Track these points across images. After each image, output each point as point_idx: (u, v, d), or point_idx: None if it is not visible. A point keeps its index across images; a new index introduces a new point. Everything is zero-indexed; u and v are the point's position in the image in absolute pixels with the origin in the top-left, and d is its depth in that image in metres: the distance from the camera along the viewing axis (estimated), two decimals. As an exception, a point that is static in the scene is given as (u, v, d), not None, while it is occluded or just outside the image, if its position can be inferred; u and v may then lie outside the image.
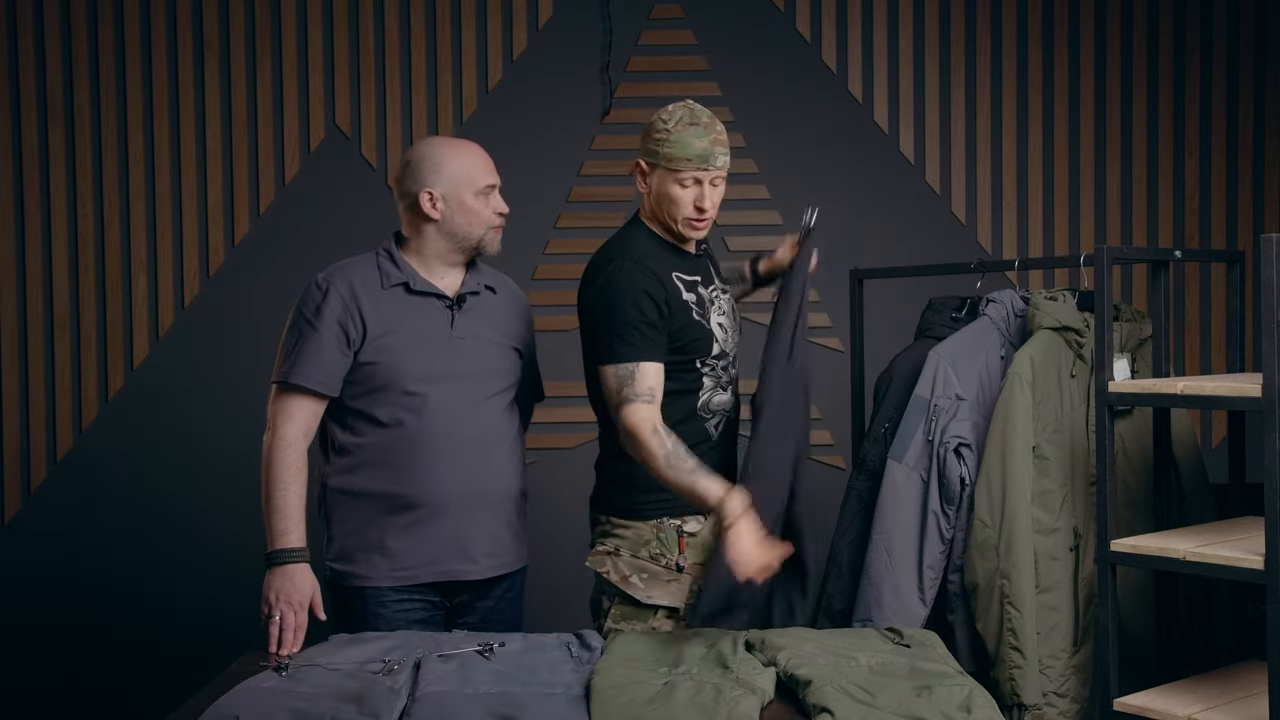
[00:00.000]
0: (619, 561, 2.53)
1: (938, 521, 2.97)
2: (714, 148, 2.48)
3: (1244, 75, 4.32)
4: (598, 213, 4.16)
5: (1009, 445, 2.88)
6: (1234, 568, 2.57)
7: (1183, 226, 4.32)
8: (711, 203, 2.52)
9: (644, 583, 2.50)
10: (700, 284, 2.59)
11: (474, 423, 2.55)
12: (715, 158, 2.48)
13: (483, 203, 2.59)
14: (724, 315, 2.63)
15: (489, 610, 2.63)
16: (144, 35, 4.14)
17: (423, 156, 2.58)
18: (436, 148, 2.61)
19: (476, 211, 2.59)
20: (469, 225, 2.59)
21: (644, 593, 2.50)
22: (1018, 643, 2.85)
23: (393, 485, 2.51)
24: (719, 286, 2.66)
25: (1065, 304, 3.00)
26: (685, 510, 2.50)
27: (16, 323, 4.13)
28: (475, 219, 2.59)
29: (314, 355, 2.49)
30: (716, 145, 2.48)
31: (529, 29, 4.21)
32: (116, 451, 4.14)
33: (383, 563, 2.52)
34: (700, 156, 2.47)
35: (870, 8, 4.27)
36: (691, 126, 2.47)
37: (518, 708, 1.95)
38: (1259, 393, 2.49)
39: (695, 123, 2.48)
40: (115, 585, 4.12)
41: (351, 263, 2.61)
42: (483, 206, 2.60)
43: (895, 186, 4.29)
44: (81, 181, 4.14)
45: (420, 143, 2.65)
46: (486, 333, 2.61)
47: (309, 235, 4.14)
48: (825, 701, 1.95)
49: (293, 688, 2.05)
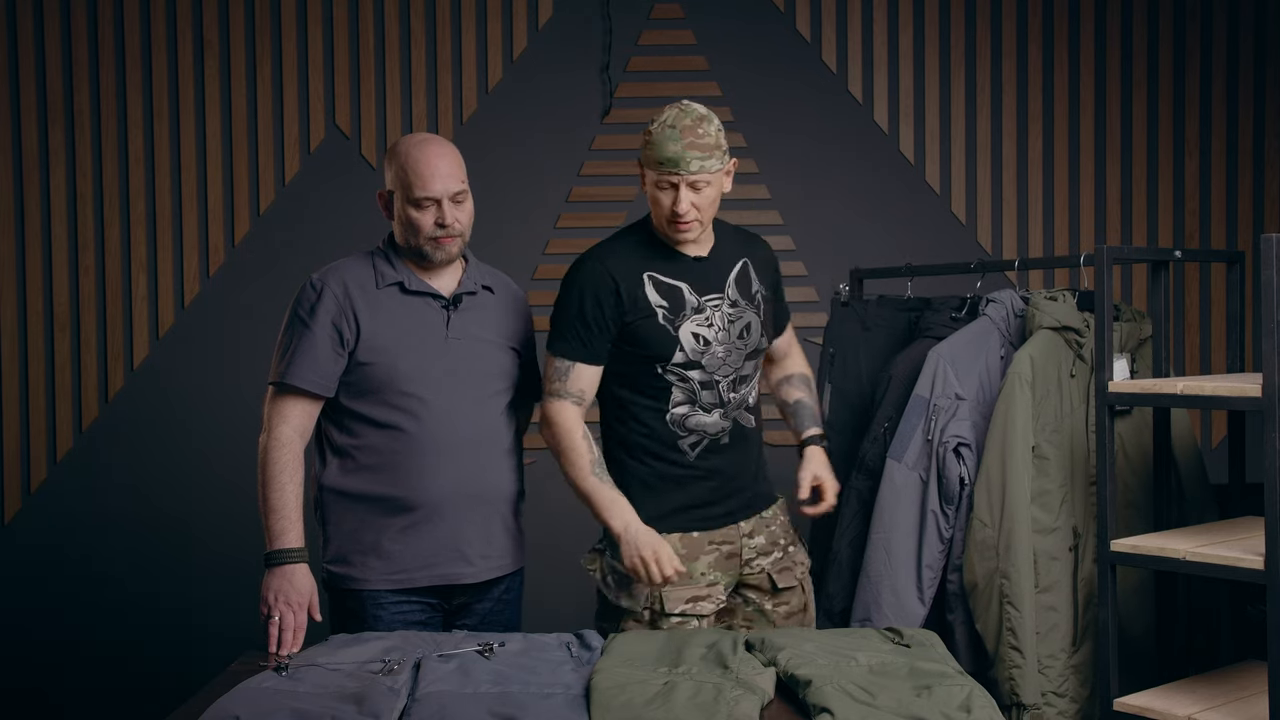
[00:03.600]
0: (603, 561, 2.60)
1: (937, 521, 2.97)
2: (686, 153, 2.43)
3: (1244, 75, 4.32)
4: (598, 213, 4.16)
5: (1008, 445, 2.88)
6: (1234, 568, 2.57)
7: (1183, 226, 4.32)
8: (689, 206, 2.46)
9: (615, 584, 2.56)
10: (688, 290, 2.53)
11: (470, 424, 2.54)
12: (686, 163, 2.43)
13: (418, 212, 2.51)
14: (710, 328, 2.54)
15: (487, 612, 2.62)
16: (144, 35, 4.14)
17: (389, 153, 2.57)
18: (400, 146, 2.56)
19: (410, 220, 2.52)
20: (404, 232, 2.55)
21: (614, 594, 2.55)
22: (1017, 642, 2.85)
23: (389, 487, 2.51)
24: (729, 299, 2.57)
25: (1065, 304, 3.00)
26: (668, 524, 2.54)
27: (16, 323, 4.14)
28: (409, 228, 2.53)
29: (308, 356, 2.49)
30: (690, 150, 2.43)
31: (529, 29, 4.21)
32: (116, 451, 4.14)
33: (379, 565, 2.52)
34: (670, 160, 2.44)
35: (870, 8, 4.27)
36: (670, 130, 2.45)
37: (518, 708, 1.95)
38: (1259, 393, 2.49)
39: (674, 126, 2.45)
40: (115, 585, 4.12)
41: (346, 262, 2.60)
42: (418, 215, 2.51)
43: (895, 186, 4.29)
44: (81, 181, 4.14)
45: (400, 138, 2.63)
46: (483, 333, 2.60)
47: (309, 235, 4.14)
48: (825, 701, 1.95)
49: (293, 688, 2.05)
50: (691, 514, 2.57)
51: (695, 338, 2.52)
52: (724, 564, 2.59)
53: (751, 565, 2.62)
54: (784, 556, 2.67)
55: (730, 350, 2.55)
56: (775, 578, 2.64)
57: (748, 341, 2.58)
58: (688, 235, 2.52)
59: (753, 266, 2.64)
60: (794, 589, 2.68)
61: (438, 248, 2.53)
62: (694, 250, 2.58)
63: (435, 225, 2.51)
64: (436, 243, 2.52)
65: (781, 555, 2.67)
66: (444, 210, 2.50)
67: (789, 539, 2.70)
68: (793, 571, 2.68)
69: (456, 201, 2.52)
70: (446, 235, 2.52)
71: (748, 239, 2.71)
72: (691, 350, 2.52)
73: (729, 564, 2.60)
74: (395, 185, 2.53)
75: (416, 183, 2.49)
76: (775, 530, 2.67)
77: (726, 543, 2.60)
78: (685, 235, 2.52)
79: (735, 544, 2.60)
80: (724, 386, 2.55)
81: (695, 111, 2.48)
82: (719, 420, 2.56)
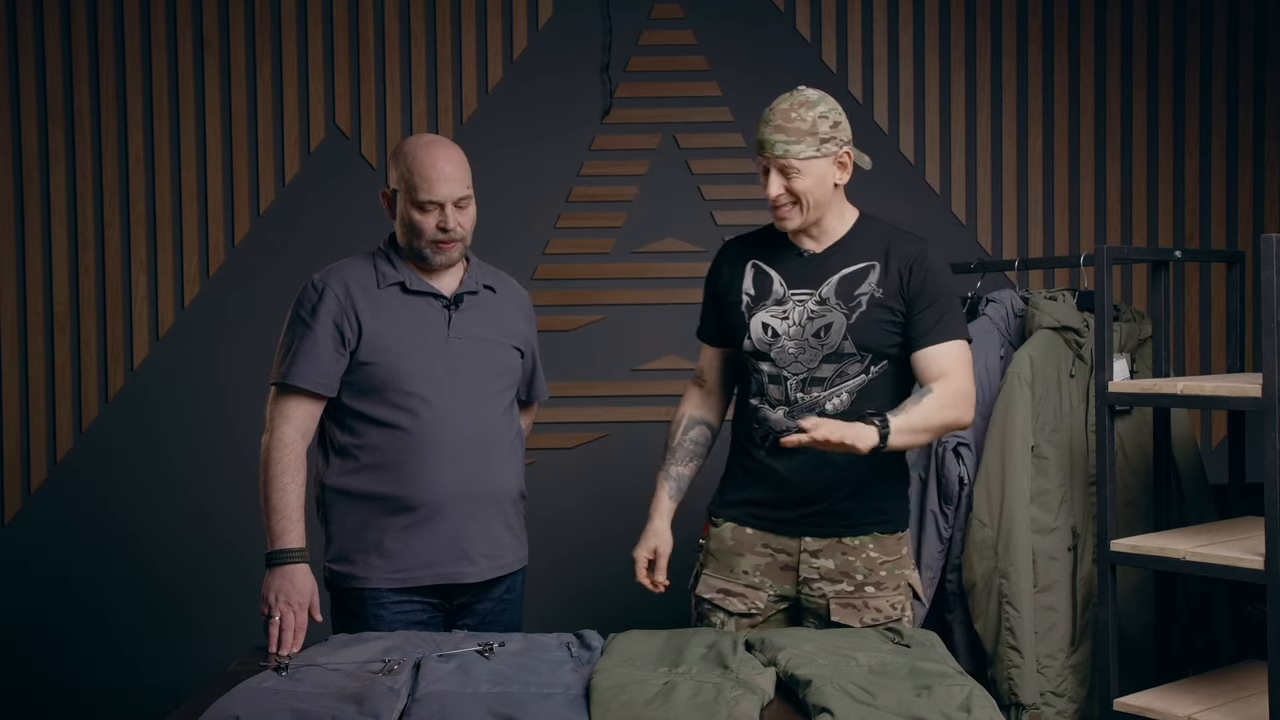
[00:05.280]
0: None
1: (936, 521, 2.97)
2: (774, 136, 2.41)
3: (1244, 75, 4.32)
4: (598, 213, 4.16)
5: (1008, 445, 2.88)
6: (1234, 568, 2.57)
7: (1183, 226, 4.32)
8: (780, 190, 2.42)
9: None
10: (779, 281, 2.51)
11: (472, 424, 2.54)
12: (772, 146, 2.42)
13: (421, 215, 2.51)
14: (784, 321, 2.48)
15: (488, 612, 2.63)
16: (144, 35, 4.14)
17: (394, 152, 2.57)
18: (407, 146, 2.56)
19: (412, 222, 2.52)
20: (407, 236, 2.55)
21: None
22: (1015, 642, 2.85)
23: (391, 487, 2.51)
24: (819, 296, 2.47)
25: (1065, 304, 3.00)
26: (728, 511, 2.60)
27: (16, 323, 4.13)
28: (411, 230, 2.53)
29: (310, 356, 2.49)
30: (778, 134, 2.41)
31: (529, 29, 4.21)
32: (116, 451, 4.14)
33: (381, 564, 2.52)
34: (760, 143, 2.46)
35: (870, 8, 4.26)
36: (767, 112, 2.45)
37: (518, 708, 1.95)
38: (1259, 393, 2.50)
39: (772, 109, 2.45)
40: (115, 585, 4.12)
41: (348, 262, 2.61)
42: (420, 218, 2.51)
43: (895, 186, 4.29)
44: (81, 181, 4.14)
45: (406, 138, 2.62)
46: (484, 332, 2.60)
47: (309, 235, 4.14)
48: (825, 701, 1.95)
49: (293, 688, 2.05)
50: (750, 508, 2.56)
51: (764, 327, 2.49)
52: (776, 573, 2.53)
53: (811, 587, 2.50)
54: (855, 593, 2.48)
55: (803, 347, 2.46)
56: (834, 610, 2.48)
57: (824, 342, 2.45)
58: (786, 222, 2.47)
59: (879, 270, 2.47)
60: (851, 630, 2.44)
61: (438, 251, 2.53)
62: (808, 244, 2.52)
63: (437, 229, 2.51)
64: (437, 246, 2.52)
65: (853, 590, 2.48)
66: (447, 214, 2.50)
67: (872, 578, 2.49)
68: (859, 613, 2.47)
69: (460, 206, 2.52)
70: (448, 240, 2.52)
71: (897, 242, 2.52)
72: (759, 340, 2.49)
73: (782, 575, 2.53)
74: (400, 185, 2.53)
75: (421, 185, 2.49)
76: (854, 562, 2.49)
77: (783, 552, 2.52)
78: (783, 222, 2.48)
79: (793, 557, 2.52)
80: (793, 384, 2.47)
81: (799, 96, 2.45)
82: (784, 419, 2.41)
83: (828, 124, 2.44)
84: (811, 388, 2.46)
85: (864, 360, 2.46)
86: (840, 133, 2.46)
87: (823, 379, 2.46)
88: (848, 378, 2.46)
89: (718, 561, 2.59)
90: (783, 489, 2.50)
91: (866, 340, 2.45)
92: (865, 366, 2.46)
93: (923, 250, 2.49)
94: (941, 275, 2.48)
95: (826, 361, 2.45)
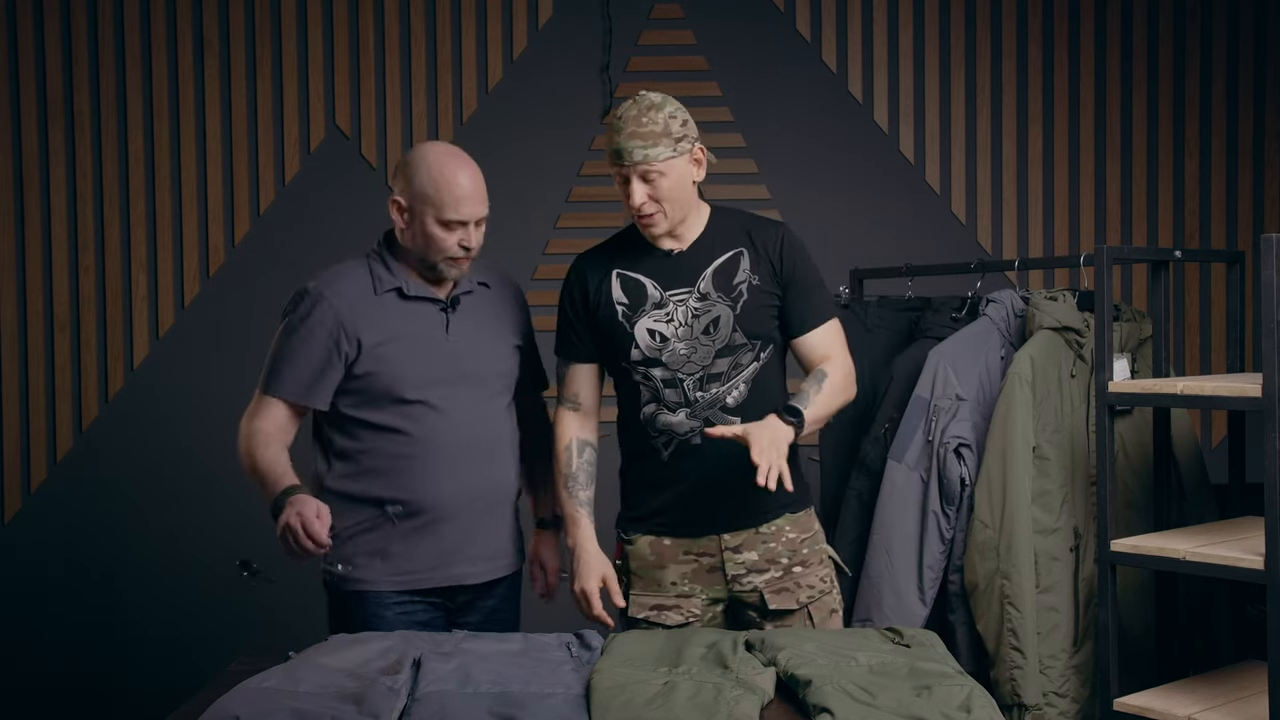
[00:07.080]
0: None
1: (938, 522, 2.97)
2: (629, 143, 2.38)
3: (1244, 75, 4.32)
4: (598, 213, 4.16)
5: (1009, 445, 2.88)
6: (1234, 568, 2.57)
7: (1183, 226, 4.32)
8: (644, 198, 2.40)
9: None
10: (652, 285, 2.48)
11: (474, 427, 2.54)
12: (629, 153, 2.38)
13: (443, 231, 2.47)
14: (669, 324, 2.46)
15: (490, 610, 2.62)
16: (144, 35, 4.14)
17: (408, 161, 2.51)
18: (424, 157, 2.50)
19: (433, 238, 2.48)
20: (423, 248, 2.50)
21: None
22: (1018, 643, 2.85)
23: (394, 491, 2.50)
24: (698, 292, 2.47)
25: (1065, 304, 3.00)
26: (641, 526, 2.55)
27: (16, 323, 4.13)
28: (430, 245, 2.49)
29: (291, 366, 2.49)
30: (633, 140, 2.37)
31: (529, 29, 4.22)
32: (116, 451, 4.14)
33: (384, 566, 2.52)
34: (615, 153, 2.41)
35: (870, 8, 4.27)
36: (616, 121, 2.42)
37: (518, 708, 1.95)
38: (1259, 393, 2.49)
39: (620, 117, 2.42)
40: (115, 585, 4.12)
41: (342, 269, 2.56)
42: (443, 235, 2.47)
43: (895, 186, 4.29)
44: (81, 181, 4.14)
45: (421, 145, 2.57)
46: (483, 331, 2.59)
47: (309, 235, 4.14)
48: (825, 701, 1.95)
49: (293, 688, 2.05)
50: (662, 518, 2.52)
51: (651, 334, 2.46)
52: (703, 577, 2.51)
53: (741, 582, 2.50)
54: (784, 577, 2.50)
55: (694, 346, 2.45)
56: (768, 599, 2.49)
57: (715, 336, 2.45)
58: (653, 228, 2.44)
59: (749, 257, 2.48)
60: (795, 612, 2.50)
61: (453, 266, 2.52)
62: (670, 244, 2.49)
63: (459, 246, 2.49)
64: (454, 262, 2.51)
65: (781, 575, 2.50)
66: (470, 232, 2.49)
67: (796, 558, 2.52)
68: (794, 594, 2.49)
69: (479, 224, 2.52)
70: (465, 257, 2.52)
71: (757, 228, 2.53)
72: (647, 347, 2.45)
73: (710, 578, 2.51)
74: (420, 200, 2.47)
75: (449, 204, 2.45)
76: (776, 547, 2.50)
77: (706, 554, 2.50)
78: (650, 228, 2.45)
79: (716, 557, 2.50)
80: (689, 385, 2.45)
81: (645, 100, 2.43)
82: (686, 420, 2.45)
83: (678, 123, 2.42)
84: (709, 384, 2.46)
85: (755, 348, 2.48)
86: (690, 130, 2.45)
87: (719, 374, 2.46)
88: (743, 368, 2.47)
89: (642, 579, 2.54)
90: (690, 492, 2.48)
91: (755, 328, 2.47)
92: (756, 354, 2.48)
93: (784, 233, 2.53)
94: (806, 255, 2.54)
95: (720, 356, 2.46)
